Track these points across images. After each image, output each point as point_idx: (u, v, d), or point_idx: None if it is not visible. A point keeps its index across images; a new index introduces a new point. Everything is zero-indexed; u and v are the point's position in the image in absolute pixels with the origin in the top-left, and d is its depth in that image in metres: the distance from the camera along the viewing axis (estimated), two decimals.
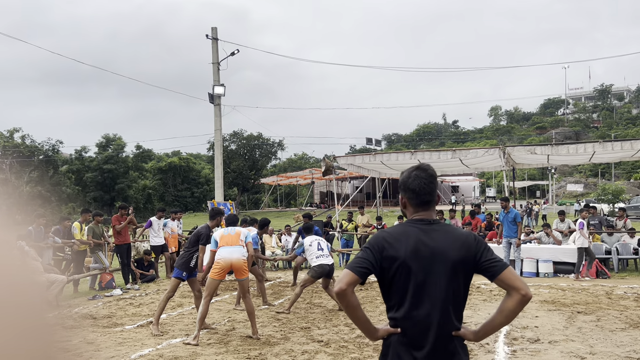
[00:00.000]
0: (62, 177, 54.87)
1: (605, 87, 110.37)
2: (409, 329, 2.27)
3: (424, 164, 2.51)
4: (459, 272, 2.28)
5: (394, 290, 2.31)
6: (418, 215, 2.39)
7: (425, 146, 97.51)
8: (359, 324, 2.32)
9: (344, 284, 2.22)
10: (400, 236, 2.33)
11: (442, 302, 2.25)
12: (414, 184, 2.40)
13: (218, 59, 20.35)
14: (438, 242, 2.29)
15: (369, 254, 2.31)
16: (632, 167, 65.28)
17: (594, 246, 12.98)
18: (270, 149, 61.14)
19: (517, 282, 2.21)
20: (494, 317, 2.28)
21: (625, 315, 7.75)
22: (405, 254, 2.27)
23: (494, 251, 2.34)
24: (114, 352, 6.24)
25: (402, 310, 2.28)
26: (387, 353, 2.34)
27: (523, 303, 2.20)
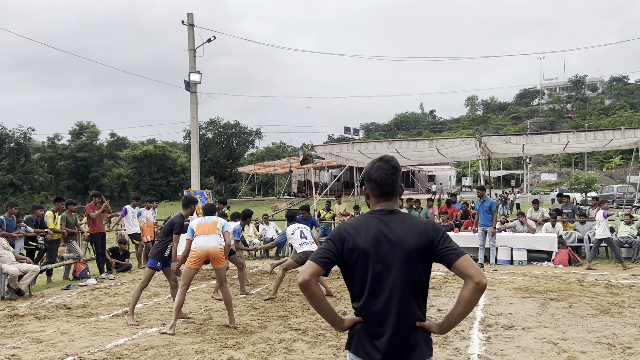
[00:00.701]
0: (34, 165, 53.80)
1: (580, 78, 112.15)
2: (368, 317, 2.30)
3: (387, 155, 2.54)
4: (418, 261, 2.30)
5: (355, 280, 2.34)
6: (379, 205, 2.43)
7: (403, 135, 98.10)
8: (324, 314, 2.33)
9: (307, 275, 2.23)
10: (361, 227, 2.35)
11: (401, 291, 2.27)
12: (376, 174, 2.43)
13: (194, 46, 20.09)
14: (397, 231, 2.31)
15: (330, 245, 2.34)
16: (604, 156, 66.53)
17: (566, 234, 13.22)
18: (248, 138, 60.79)
19: (471, 270, 2.21)
20: (454, 308, 2.29)
21: (596, 301, 7.91)
22: (365, 244, 2.29)
23: (452, 239, 2.35)
24: (89, 342, 6.17)
25: (362, 299, 2.31)
26: (352, 341, 2.37)
27: (478, 291, 2.20)
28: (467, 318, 7.01)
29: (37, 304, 8.63)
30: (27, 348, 5.99)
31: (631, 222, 12.71)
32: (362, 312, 2.32)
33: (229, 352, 5.63)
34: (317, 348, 5.75)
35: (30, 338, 6.43)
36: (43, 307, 8.35)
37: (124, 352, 5.74)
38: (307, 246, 8.46)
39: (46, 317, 7.57)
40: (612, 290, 8.77)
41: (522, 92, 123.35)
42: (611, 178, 58.49)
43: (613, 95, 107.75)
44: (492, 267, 11.67)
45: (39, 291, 9.88)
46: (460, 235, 13.42)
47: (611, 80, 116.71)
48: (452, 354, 5.45)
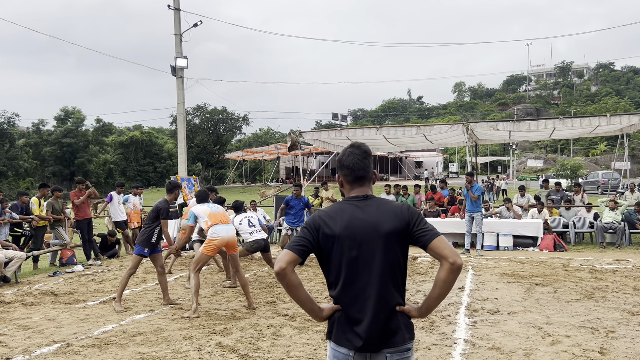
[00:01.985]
0: (19, 151, 53.24)
1: (566, 64, 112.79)
2: (347, 304, 2.28)
3: (357, 142, 2.54)
4: (395, 244, 2.28)
5: (331, 266, 2.32)
6: (354, 192, 2.42)
7: (391, 122, 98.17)
8: (302, 303, 2.31)
9: (283, 263, 2.22)
10: (336, 214, 2.34)
11: (379, 275, 2.25)
12: (348, 160, 2.43)
13: (180, 30, 19.89)
14: (372, 215, 2.30)
15: (306, 232, 2.33)
16: (590, 143, 67.17)
17: (552, 220, 13.36)
18: (235, 124, 60.50)
19: (446, 251, 2.20)
20: (431, 291, 2.27)
21: (581, 286, 8.02)
22: (340, 230, 2.28)
23: (427, 221, 2.35)
24: (76, 329, 6.15)
25: (339, 286, 2.30)
26: (332, 330, 2.34)
27: (453, 271, 2.18)
28: (454, 303, 7.09)
29: (24, 290, 8.58)
30: (13, 335, 5.96)
31: (616, 207, 12.87)
32: (340, 299, 2.30)
33: (217, 338, 5.64)
34: (305, 333, 5.78)
35: (17, 325, 6.39)
36: (30, 293, 8.30)
37: (112, 338, 5.73)
38: (257, 234, 8.27)
39: (33, 304, 7.53)
40: (596, 275, 8.89)
41: (509, 78, 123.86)
42: (596, 164, 59.13)
43: (599, 82, 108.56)
44: (479, 253, 11.78)
45: (26, 278, 9.82)
46: (447, 222, 13.52)
47: (597, 66, 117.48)
48: (438, 339, 5.51)
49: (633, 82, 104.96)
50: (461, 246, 12.64)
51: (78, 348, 5.39)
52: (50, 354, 5.24)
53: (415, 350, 5.10)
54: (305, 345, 5.37)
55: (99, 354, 5.20)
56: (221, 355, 5.09)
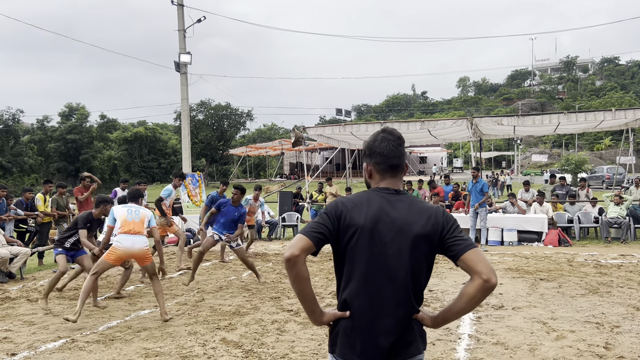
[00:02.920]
0: (24, 148, 53.35)
1: (571, 59, 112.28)
2: (360, 308, 2.03)
3: (389, 127, 2.31)
4: (422, 248, 2.04)
5: (347, 261, 2.07)
6: (384, 183, 2.16)
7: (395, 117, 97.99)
8: (304, 301, 2.06)
9: (296, 250, 1.95)
10: (361, 203, 2.08)
11: (401, 279, 2.01)
12: (382, 146, 2.17)
13: (184, 26, 19.86)
14: (402, 214, 2.06)
15: (325, 219, 2.06)
16: (594, 137, 66.88)
17: (557, 215, 13.32)
18: (239, 119, 60.48)
19: (480, 266, 1.94)
20: (454, 303, 2.03)
21: (585, 281, 8.00)
22: (365, 222, 2.03)
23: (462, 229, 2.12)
24: (82, 324, 6.17)
25: (355, 285, 2.04)
26: (336, 342, 2.09)
27: (485, 290, 1.94)
28: None
29: (29, 286, 8.61)
30: (19, 331, 5.99)
31: (620, 202, 12.82)
32: (353, 300, 2.04)
33: (221, 334, 5.65)
34: (310, 329, 5.79)
35: (22, 321, 6.42)
36: (35, 289, 8.34)
37: (117, 334, 5.75)
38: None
39: (38, 300, 7.56)
40: (601, 270, 8.87)
41: (513, 73, 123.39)
42: (601, 159, 58.91)
43: (604, 77, 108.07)
44: (483, 248, 11.76)
45: (31, 274, 9.86)
46: None
47: (602, 61, 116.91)
48: (442, 334, 5.50)
49: (638, 76, 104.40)
50: None
51: (83, 344, 5.42)
52: (55, 349, 5.27)
53: None
54: (309, 341, 5.38)
55: (103, 350, 5.22)
56: (226, 350, 5.11)
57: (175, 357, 4.94)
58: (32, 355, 5.11)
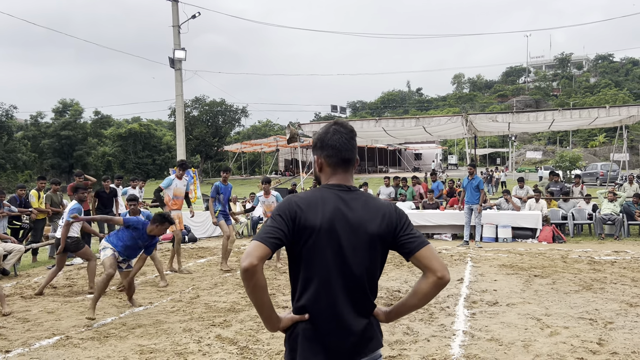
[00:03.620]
0: (17, 144, 53.09)
1: (566, 56, 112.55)
2: (321, 309, 1.98)
3: (342, 119, 2.25)
4: (378, 247, 2.02)
5: (304, 264, 1.99)
6: (335, 179, 2.10)
7: (390, 114, 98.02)
8: (262, 309, 1.96)
9: (255, 259, 1.85)
10: (316, 203, 2.01)
11: (359, 279, 1.99)
12: (334, 139, 2.10)
13: (179, 22, 19.81)
14: (357, 212, 2.01)
15: (280, 221, 1.96)
16: (589, 134, 67.11)
17: (551, 211, 13.37)
18: (234, 116, 60.36)
19: (434, 263, 1.95)
20: (407, 299, 2.04)
21: (579, 278, 8.04)
22: (321, 223, 1.96)
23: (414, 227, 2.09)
24: (76, 322, 6.16)
25: (313, 288, 1.98)
26: (296, 347, 2.01)
27: (438, 286, 1.95)
28: (453, 295, 7.10)
29: (23, 283, 8.58)
30: (13, 327, 5.96)
31: (614, 199, 12.88)
32: (312, 304, 1.98)
33: (216, 330, 5.65)
34: None
35: (16, 318, 6.40)
36: (29, 286, 8.31)
37: (111, 330, 5.74)
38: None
39: (32, 297, 7.53)
40: (595, 267, 8.91)
41: (508, 70, 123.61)
42: (595, 156, 59.13)
43: (598, 74, 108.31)
44: (477, 244, 11.79)
45: (25, 271, 9.82)
46: (446, 213, 13.53)
47: (597, 58, 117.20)
48: (437, 330, 5.52)
49: (632, 73, 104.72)
50: (460, 238, 12.66)
51: (77, 340, 5.40)
52: (49, 346, 5.25)
53: (415, 342, 5.12)
54: None
55: (98, 347, 5.21)
56: (221, 347, 5.10)
57: (170, 354, 4.94)
58: (27, 352, 5.09)
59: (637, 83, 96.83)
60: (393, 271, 8.80)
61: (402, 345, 5.05)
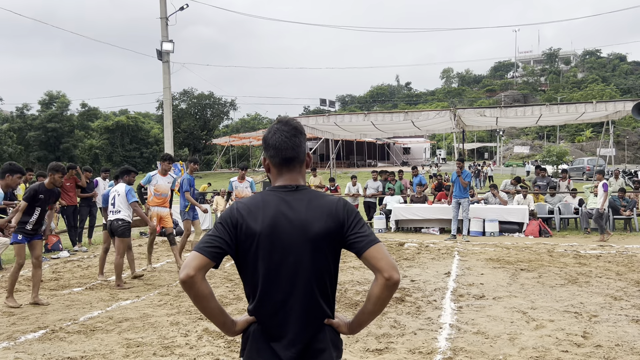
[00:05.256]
0: (3, 136, 52.56)
1: (554, 51, 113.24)
2: (265, 317, 1.94)
3: (286, 117, 2.21)
4: (325, 248, 1.92)
5: (249, 272, 1.96)
6: (281, 180, 2.03)
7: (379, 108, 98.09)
8: (212, 317, 1.93)
9: (191, 270, 1.81)
10: (257, 207, 1.95)
11: (304, 284, 1.91)
12: (274, 138, 2.02)
13: (166, 14, 19.65)
14: (300, 213, 1.93)
15: (221, 230, 1.92)
16: (576, 129, 67.66)
17: (537, 206, 13.48)
18: (222, 109, 60.17)
19: (381, 263, 1.84)
20: (364, 306, 1.94)
21: (565, 271, 8.12)
22: (262, 229, 1.90)
23: (366, 223, 1.98)
24: (62, 315, 6.12)
25: (258, 295, 1.94)
26: (245, 347, 1.99)
27: (388, 288, 1.84)
28: (440, 288, 7.14)
29: (8, 276, 8.49)
30: None
31: None
32: (258, 311, 1.95)
33: (203, 324, 5.64)
34: None
35: (2, 311, 6.34)
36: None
37: (98, 324, 5.71)
38: (111, 215, 7.72)
39: (18, 290, 7.46)
40: (580, 261, 9.00)
41: (497, 64, 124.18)
42: (582, 151, 59.65)
43: (586, 69, 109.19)
44: (465, 238, 11.85)
45: (10, 264, 9.73)
46: (433, 207, 13.59)
47: (584, 53, 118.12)
48: (424, 324, 5.55)
49: (619, 69, 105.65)
50: (448, 232, 12.72)
51: (64, 334, 5.37)
52: (35, 340, 5.22)
53: (402, 335, 5.15)
54: None
55: (84, 340, 5.18)
56: (208, 340, 5.10)
57: (157, 348, 4.92)
58: (12, 346, 5.05)
59: (624, 79, 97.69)
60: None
61: (389, 338, 5.07)
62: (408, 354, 4.66)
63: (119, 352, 4.82)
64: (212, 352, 4.78)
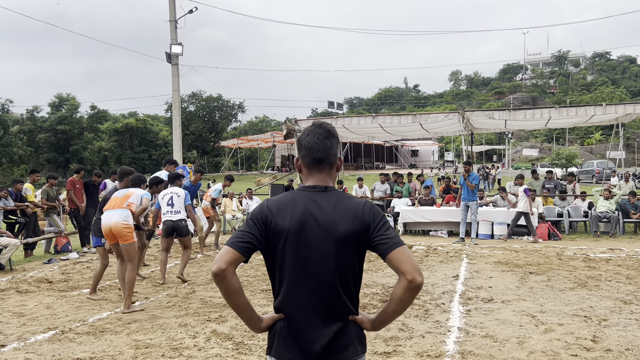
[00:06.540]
0: (13, 138, 52.88)
1: (563, 53, 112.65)
2: (291, 312, 2.00)
3: (322, 121, 2.27)
4: (349, 249, 1.99)
5: (277, 267, 2.03)
6: (311, 180, 2.10)
7: (387, 110, 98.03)
8: (240, 311, 1.99)
9: (223, 263, 1.89)
10: (286, 205, 2.02)
11: (329, 282, 1.97)
12: (307, 139, 2.10)
13: (175, 17, 19.75)
14: (327, 213, 1.99)
15: (252, 225, 2.00)
16: (585, 132, 67.22)
17: (546, 209, 13.40)
18: (231, 111, 60.33)
19: (405, 265, 1.90)
20: (387, 305, 2.01)
21: (574, 275, 8.07)
22: (290, 226, 1.97)
23: (391, 226, 2.05)
24: (71, 316, 6.15)
25: (284, 291, 2.01)
26: (272, 344, 2.05)
27: (411, 290, 1.89)
28: (448, 291, 7.12)
29: (18, 278, 8.56)
30: (8, 322, 5.96)
31: (610, 197, 12.92)
32: (284, 306, 2.01)
33: (212, 326, 5.65)
34: None
35: (12, 312, 6.39)
36: (24, 281, 8.29)
37: (107, 325, 5.74)
38: (168, 215, 7.84)
39: (28, 291, 7.53)
40: (590, 264, 8.94)
41: (505, 67, 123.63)
42: (591, 153, 59.26)
43: (595, 71, 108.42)
44: (473, 241, 11.81)
45: (20, 265, 9.81)
46: (442, 210, 13.55)
47: (594, 56, 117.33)
48: (432, 327, 5.54)
49: (629, 71, 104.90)
50: (456, 235, 12.68)
51: (73, 335, 5.40)
52: (44, 341, 5.25)
53: (410, 338, 5.14)
54: None
55: (93, 341, 5.21)
56: (216, 342, 5.11)
57: (165, 349, 4.94)
58: (22, 346, 5.09)
59: (634, 81, 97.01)
60: (389, 267, 8.81)
61: (397, 341, 5.06)
62: (416, 357, 4.65)
63: (127, 354, 4.84)
64: (221, 353, 4.79)
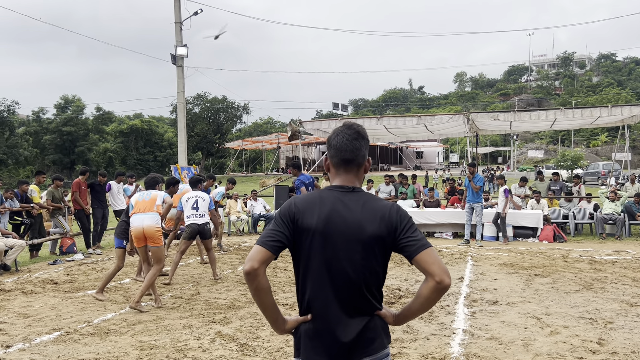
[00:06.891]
0: (19, 139, 53.14)
1: (568, 54, 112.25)
2: (318, 310, 2.02)
3: (352, 121, 2.28)
4: (375, 249, 2.00)
5: (303, 265, 2.04)
6: (339, 179, 2.12)
7: (392, 112, 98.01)
8: (266, 311, 2.02)
9: (256, 262, 1.92)
10: (314, 203, 2.04)
11: (355, 281, 1.99)
12: (337, 140, 2.13)
13: (181, 19, 19.80)
14: (355, 213, 2.01)
15: (280, 223, 2.02)
16: (590, 134, 66.99)
17: (552, 211, 13.36)
18: (235, 113, 60.44)
19: (433, 267, 1.92)
20: (412, 303, 2.03)
21: (580, 277, 8.04)
22: (317, 224, 1.99)
23: (418, 228, 2.05)
24: (77, 317, 6.17)
25: (311, 289, 2.02)
26: (299, 346, 2.07)
27: (438, 291, 1.92)
28: (453, 293, 7.10)
29: (24, 279, 8.59)
30: (14, 323, 5.98)
31: (616, 199, 12.87)
32: (311, 303, 2.02)
33: (216, 327, 5.66)
34: None
35: (17, 313, 6.41)
36: (30, 282, 8.32)
37: (112, 326, 5.75)
38: (192, 219, 7.97)
39: (33, 292, 7.55)
40: (596, 266, 8.90)
41: (510, 68, 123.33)
42: (597, 155, 59.04)
43: (601, 73, 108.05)
44: (478, 243, 11.78)
45: (26, 266, 9.84)
46: (446, 212, 13.52)
47: (599, 57, 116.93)
48: (437, 329, 5.52)
49: (635, 73, 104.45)
50: (461, 236, 12.65)
51: (78, 336, 5.41)
52: (50, 342, 5.27)
53: (414, 340, 5.13)
54: None
55: (98, 342, 5.22)
56: (221, 344, 5.11)
57: (170, 350, 4.95)
58: (27, 347, 5.11)
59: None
60: (393, 269, 8.80)
61: (402, 343, 5.05)
62: (421, 359, 4.64)
63: (132, 355, 4.85)
64: (225, 355, 4.79)
